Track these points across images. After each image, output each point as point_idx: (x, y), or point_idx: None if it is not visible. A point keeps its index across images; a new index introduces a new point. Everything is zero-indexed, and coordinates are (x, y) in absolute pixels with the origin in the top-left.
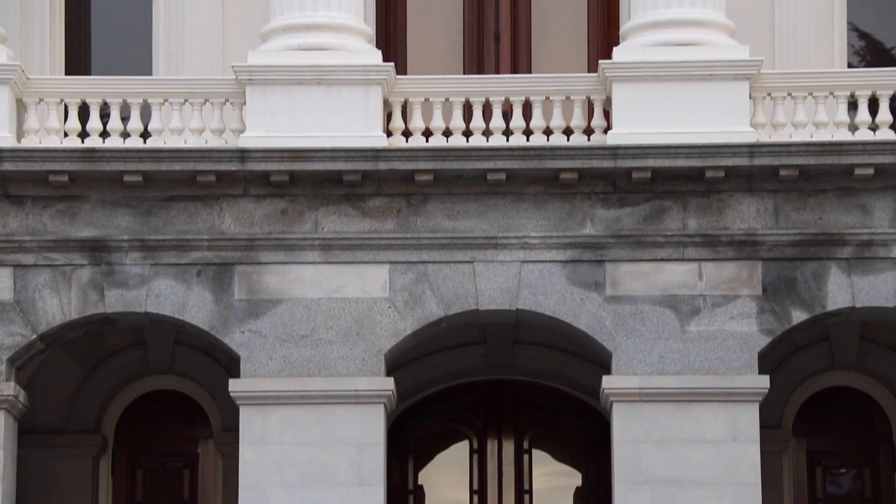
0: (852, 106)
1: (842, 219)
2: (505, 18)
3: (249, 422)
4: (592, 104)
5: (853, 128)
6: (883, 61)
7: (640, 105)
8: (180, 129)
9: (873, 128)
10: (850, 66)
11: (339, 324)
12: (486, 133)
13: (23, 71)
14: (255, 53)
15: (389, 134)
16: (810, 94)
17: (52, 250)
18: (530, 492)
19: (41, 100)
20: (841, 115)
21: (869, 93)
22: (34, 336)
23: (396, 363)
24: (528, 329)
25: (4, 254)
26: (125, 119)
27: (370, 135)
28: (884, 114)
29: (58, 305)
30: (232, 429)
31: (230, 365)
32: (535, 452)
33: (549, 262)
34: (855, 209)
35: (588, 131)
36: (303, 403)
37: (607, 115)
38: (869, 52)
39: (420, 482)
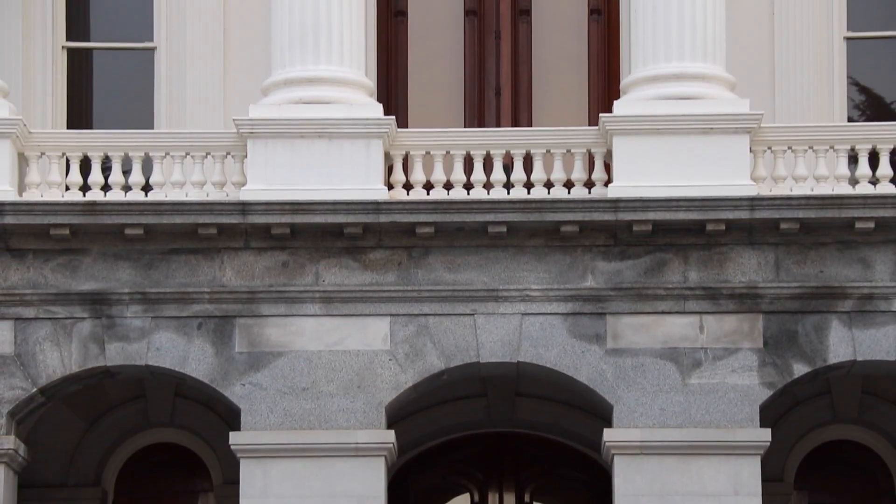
0: (853, 160)
1: (843, 272)
2: (506, 72)
3: (250, 475)
4: (593, 157)
5: (854, 181)
6: (883, 115)
7: (640, 158)
8: (182, 183)
9: (874, 181)
10: (850, 120)
11: (340, 376)
12: (487, 186)
13: (25, 125)
14: (256, 107)
15: (391, 187)
16: (811, 147)
17: (53, 303)
18: None
19: (43, 153)
20: (841, 168)
21: (869, 146)
22: (34, 389)
23: (397, 416)
24: (529, 382)
25: (5, 307)
26: (127, 172)
27: (371, 188)
28: (884, 168)
29: (58, 359)
30: (232, 482)
31: (231, 418)
32: None
33: (551, 314)
34: (856, 262)
35: (589, 184)
36: (303, 456)
37: (608, 167)
38: (869, 106)
39: None
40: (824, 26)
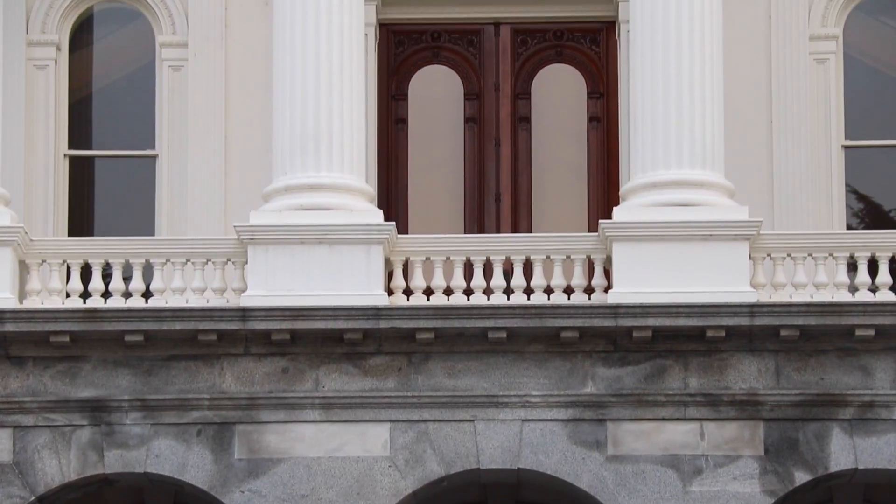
0: (852, 267)
1: (843, 380)
2: (505, 178)
3: None
4: (593, 263)
5: (853, 289)
6: (881, 223)
7: (640, 264)
8: (182, 289)
9: (873, 289)
10: (849, 227)
11: (340, 483)
12: (487, 291)
13: (26, 233)
14: (257, 213)
15: (391, 292)
16: (810, 255)
17: (53, 411)
18: None
19: (44, 261)
20: (841, 276)
21: (868, 254)
22: (33, 498)
23: None
24: (529, 488)
25: (4, 415)
26: (127, 279)
27: (371, 293)
28: (883, 275)
29: (57, 466)
30: None
31: None
32: None
33: (551, 420)
34: (856, 370)
35: (589, 290)
36: None
37: (608, 273)
38: (868, 214)
39: None
40: (822, 134)
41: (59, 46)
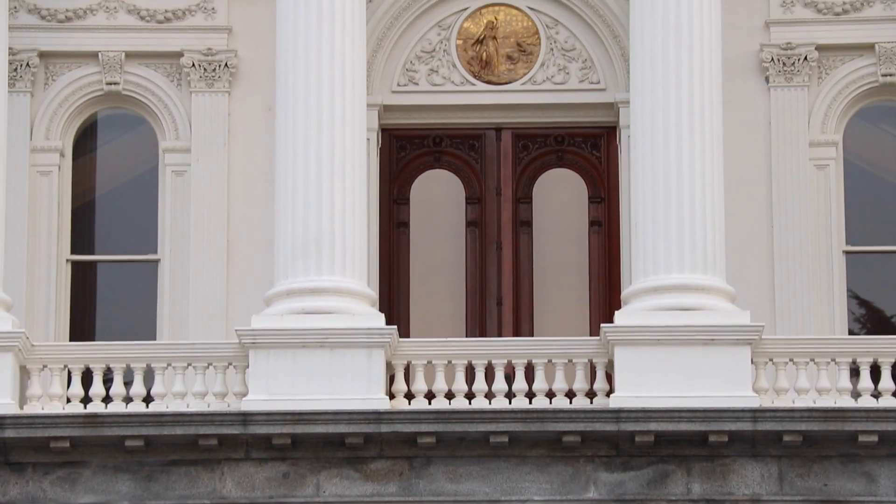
0: (854, 372)
1: (847, 486)
2: (507, 282)
3: None
4: (595, 367)
5: (856, 394)
6: (883, 329)
7: (642, 369)
8: (183, 394)
9: (876, 395)
10: (850, 332)
11: None
12: (489, 395)
13: (27, 338)
14: (258, 317)
15: (392, 396)
16: (812, 360)
17: None
18: None
19: (45, 366)
20: (843, 381)
21: (871, 360)
22: None
23: None
24: None
25: None
26: (128, 384)
27: (373, 397)
28: (886, 381)
29: None
30: None
31: None
32: None
33: None
34: (860, 476)
35: (591, 394)
36: None
37: (610, 378)
38: (869, 319)
39: None
40: (823, 239)
41: (63, 153)
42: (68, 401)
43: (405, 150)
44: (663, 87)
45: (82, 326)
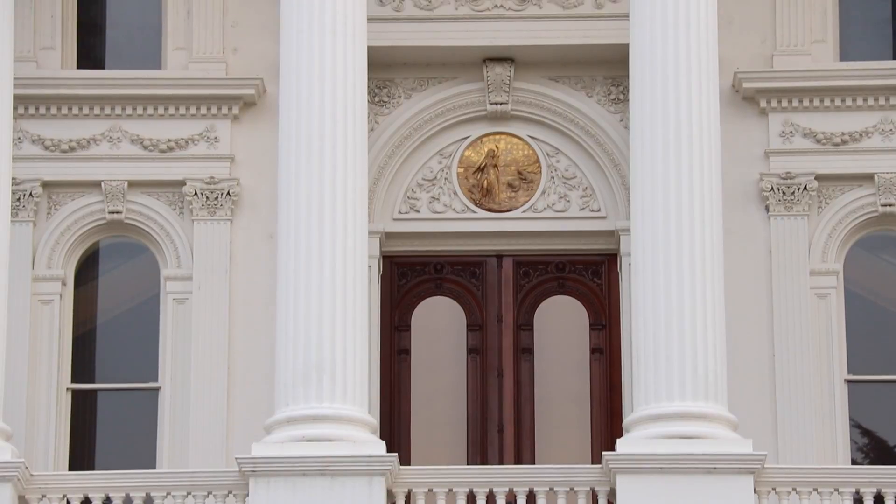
0: (858, 503)
1: None
2: (508, 409)
3: None
4: (597, 495)
5: None
6: (886, 459)
7: (644, 497)
8: None
9: None
10: (853, 462)
11: None
12: None
13: (27, 467)
14: (259, 445)
15: None
16: (815, 489)
17: None
18: None
19: (44, 496)
20: None
21: (874, 489)
22: None
23: None
24: None
25: None
26: None
27: None
28: None
29: None
30: None
31: None
32: None
33: None
34: None
35: None
36: None
37: None
38: (872, 449)
39: None
40: (825, 368)
41: (65, 281)
42: None
43: (406, 278)
44: (663, 216)
45: (82, 455)
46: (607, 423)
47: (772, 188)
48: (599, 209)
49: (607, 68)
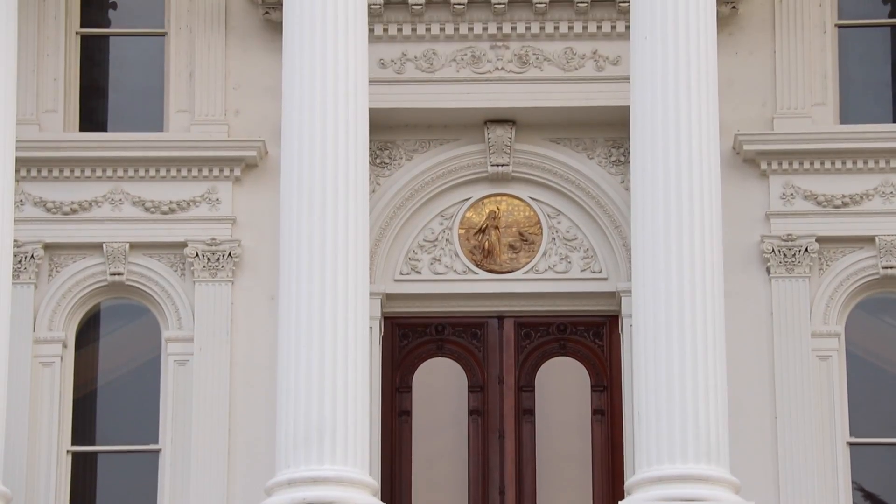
0: None
1: None
2: (510, 471)
3: None
4: None
5: None
6: None
7: None
8: None
9: None
10: None
11: None
12: None
13: None
14: None
15: None
16: None
17: None
18: None
19: None
20: None
21: None
22: None
23: None
24: None
25: None
26: None
27: None
28: None
29: None
30: None
31: None
32: None
33: None
34: None
35: None
36: None
37: None
38: None
39: None
40: (827, 431)
41: (66, 343)
42: None
43: (407, 339)
44: (665, 277)
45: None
46: (609, 484)
47: (773, 250)
48: (601, 270)
49: (608, 130)
